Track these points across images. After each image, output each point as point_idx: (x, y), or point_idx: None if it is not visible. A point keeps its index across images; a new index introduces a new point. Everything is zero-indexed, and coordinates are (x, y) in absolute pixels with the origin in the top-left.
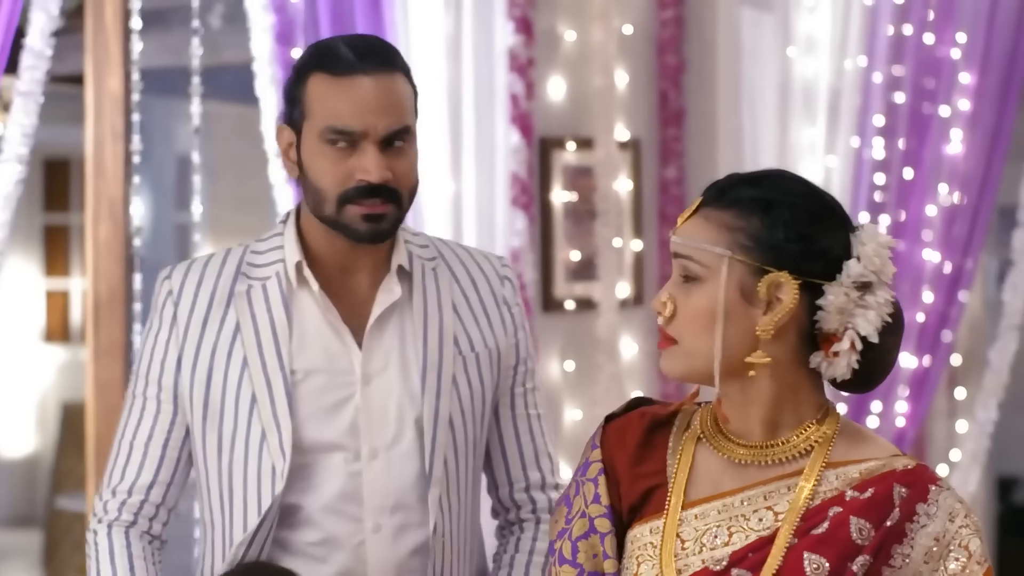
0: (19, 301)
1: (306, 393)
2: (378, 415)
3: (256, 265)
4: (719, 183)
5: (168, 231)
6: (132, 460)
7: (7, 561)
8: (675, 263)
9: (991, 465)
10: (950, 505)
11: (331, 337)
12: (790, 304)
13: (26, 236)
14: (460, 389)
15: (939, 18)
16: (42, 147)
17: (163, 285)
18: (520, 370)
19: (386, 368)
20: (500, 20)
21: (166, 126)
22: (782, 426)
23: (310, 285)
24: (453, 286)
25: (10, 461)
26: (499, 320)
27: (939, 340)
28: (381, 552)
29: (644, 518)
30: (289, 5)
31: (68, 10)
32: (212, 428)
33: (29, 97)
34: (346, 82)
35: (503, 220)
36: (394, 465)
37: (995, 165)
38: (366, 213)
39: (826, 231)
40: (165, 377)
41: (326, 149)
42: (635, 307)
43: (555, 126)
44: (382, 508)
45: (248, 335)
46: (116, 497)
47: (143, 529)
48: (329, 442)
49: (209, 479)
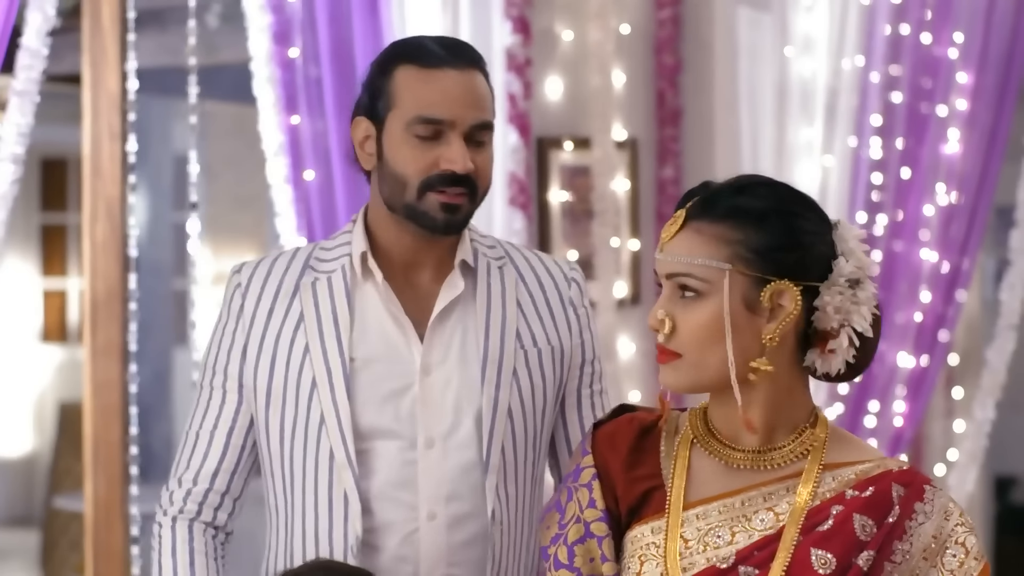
0: (16, 301)
1: (365, 380)
2: (436, 405)
3: (324, 260)
4: (698, 195)
5: (165, 230)
6: (198, 449)
7: (5, 561)
8: (668, 281)
9: (989, 465)
10: (944, 504)
11: (392, 328)
12: (794, 311)
13: (23, 236)
14: (520, 381)
15: (936, 18)
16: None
17: (232, 279)
18: (587, 371)
19: (445, 360)
20: (497, 20)
21: (163, 126)
22: (778, 430)
23: (374, 276)
24: (518, 284)
25: (7, 461)
26: (564, 319)
27: (937, 340)
28: (434, 540)
29: (644, 519)
30: (286, 5)
31: (65, 10)
32: (275, 415)
33: (25, 96)
34: (437, 74)
35: (501, 219)
36: (450, 455)
37: (992, 165)
38: (445, 202)
39: (816, 234)
40: (231, 366)
41: (412, 138)
42: (632, 307)
43: (552, 126)
44: (437, 497)
45: (311, 323)
46: (182, 487)
47: (207, 520)
48: (385, 429)
49: (272, 467)
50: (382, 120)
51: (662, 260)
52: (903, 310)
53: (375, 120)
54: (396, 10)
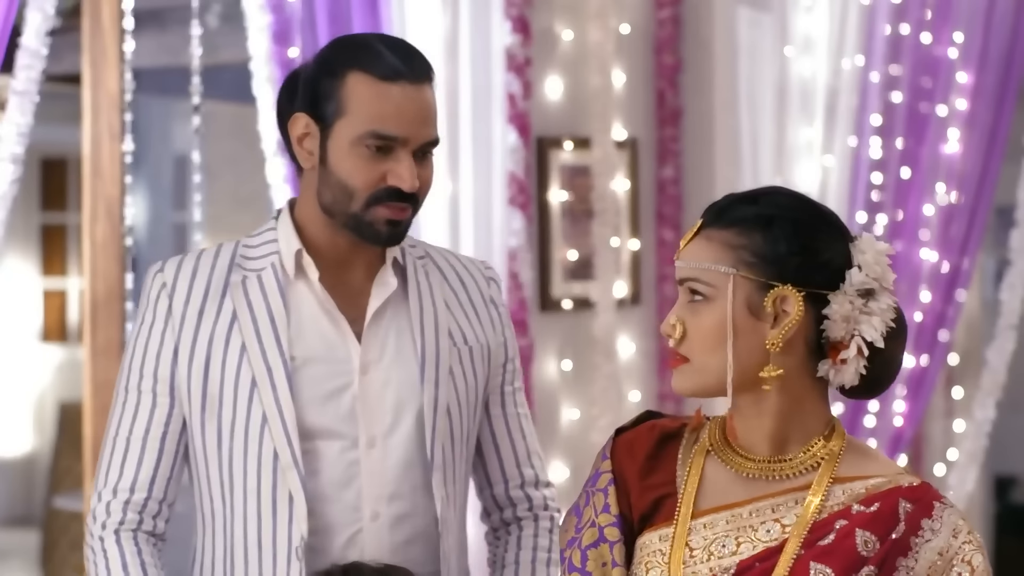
0: (16, 301)
1: (306, 379)
2: (375, 404)
3: (249, 258)
4: (717, 204)
5: (165, 230)
6: (130, 456)
7: (5, 561)
8: (681, 287)
9: (989, 464)
10: (953, 522)
11: (328, 327)
12: (796, 316)
13: (23, 236)
14: (456, 380)
15: (936, 18)
16: (39, 146)
17: (155, 279)
18: (509, 368)
19: (382, 358)
20: (497, 20)
21: (163, 125)
22: (791, 440)
23: (307, 275)
24: (443, 283)
25: (7, 461)
26: (488, 318)
27: (937, 340)
28: (378, 540)
29: (654, 526)
30: (286, 5)
31: (65, 9)
32: (211, 417)
33: (25, 96)
34: (393, 88)
35: (500, 219)
36: (391, 454)
37: (992, 164)
38: (391, 218)
39: (826, 242)
40: (161, 369)
41: (362, 150)
42: (632, 306)
43: (552, 126)
44: (380, 496)
45: (246, 322)
46: (118, 496)
47: (148, 530)
48: (328, 428)
49: (209, 470)
50: (329, 124)
51: (678, 266)
52: (903, 310)
53: (319, 121)
54: (396, 10)
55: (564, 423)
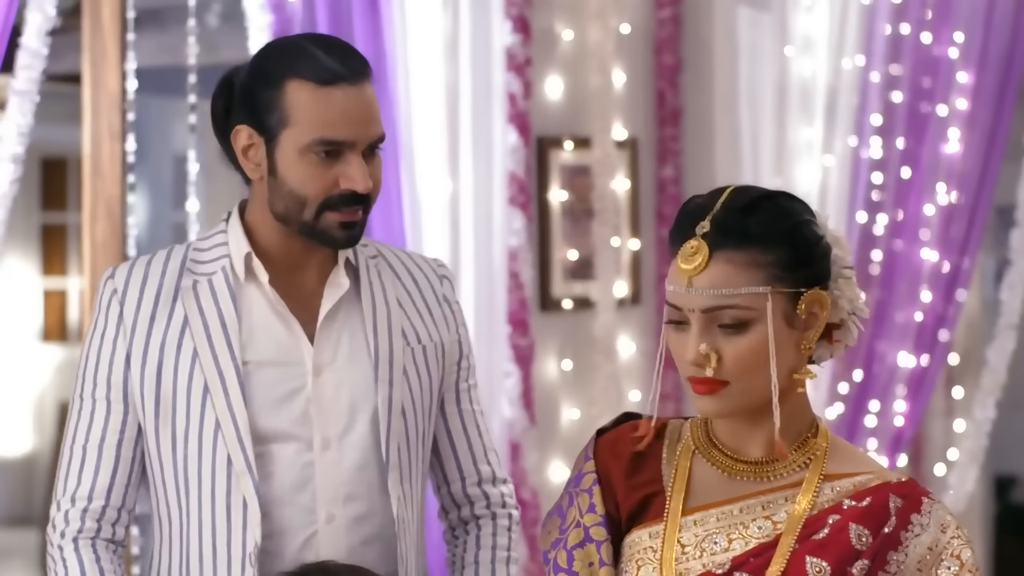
0: (16, 300)
1: (258, 383)
2: (329, 405)
3: (200, 261)
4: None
5: (165, 230)
6: (87, 464)
7: (5, 560)
8: (704, 315)
9: (989, 464)
10: (941, 517)
11: (280, 329)
12: (826, 313)
13: (23, 235)
14: (410, 380)
15: (936, 17)
16: (39, 146)
17: (107, 285)
18: (463, 365)
19: (335, 359)
20: (497, 19)
21: (163, 125)
22: (783, 441)
23: (258, 278)
24: (395, 282)
25: (7, 460)
26: (441, 316)
27: (937, 339)
28: (334, 543)
29: (643, 524)
30: (287, 4)
31: (65, 9)
32: (165, 423)
33: (25, 96)
34: (334, 92)
35: (501, 219)
36: (346, 455)
37: (993, 164)
38: (343, 220)
39: (822, 236)
40: (114, 376)
41: (311, 158)
42: (633, 306)
43: (552, 125)
44: (335, 498)
45: (197, 327)
46: (76, 505)
47: (107, 537)
48: (282, 432)
49: (164, 476)
50: (274, 135)
51: (695, 295)
52: (903, 310)
53: (263, 132)
54: (396, 10)
55: (564, 423)
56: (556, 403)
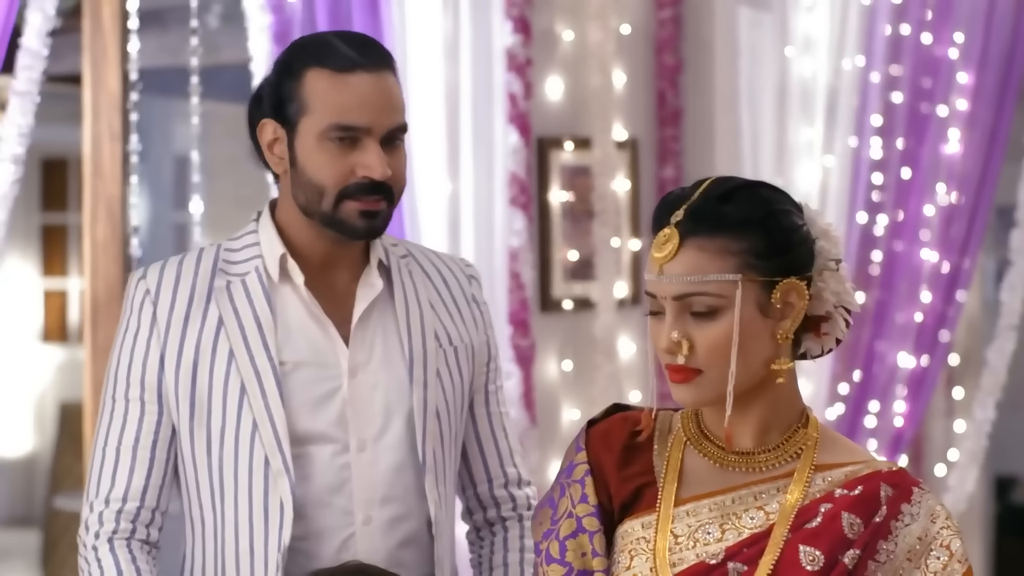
0: (17, 301)
1: (296, 384)
2: (365, 407)
3: (232, 262)
4: (669, 210)
5: (166, 231)
6: (121, 465)
7: (5, 561)
8: (676, 302)
9: (989, 465)
10: (931, 507)
11: (316, 330)
12: (803, 304)
13: (23, 236)
14: (444, 381)
15: (937, 18)
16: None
17: (139, 285)
18: (491, 367)
19: (370, 361)
20: (498, 20)
21: (164, 126)
22: (772, 431)
23: (292, 279)
24: (427, 283)
25: (8, 461)
26: (471, 317)
27: (937, 340)
28: (372, 544)
29: (635, 514)
30: (287, 5)
31: (65, 10)
32: (200, 425)
33: (26, 97)
34: (351, 78)
35: (501, 220)
36: (382, 457)
37: (993, 165)
38: (364, 209)
39: (802, 225)
40: (148, 377)
41: (328, 145)
42: (633, 307)
43: (553, 126)
44: (371, 500)
45: (232, 328)
46: (110, 506)
47: (142, 538)
48: (319, 433)
49: (198, 476)
50: (294, 125)
51: (666, 282)
52: (903, 310)
53: (285, 124)
54: (396, 10)
55: (564, 423)
56: (557, 403)
